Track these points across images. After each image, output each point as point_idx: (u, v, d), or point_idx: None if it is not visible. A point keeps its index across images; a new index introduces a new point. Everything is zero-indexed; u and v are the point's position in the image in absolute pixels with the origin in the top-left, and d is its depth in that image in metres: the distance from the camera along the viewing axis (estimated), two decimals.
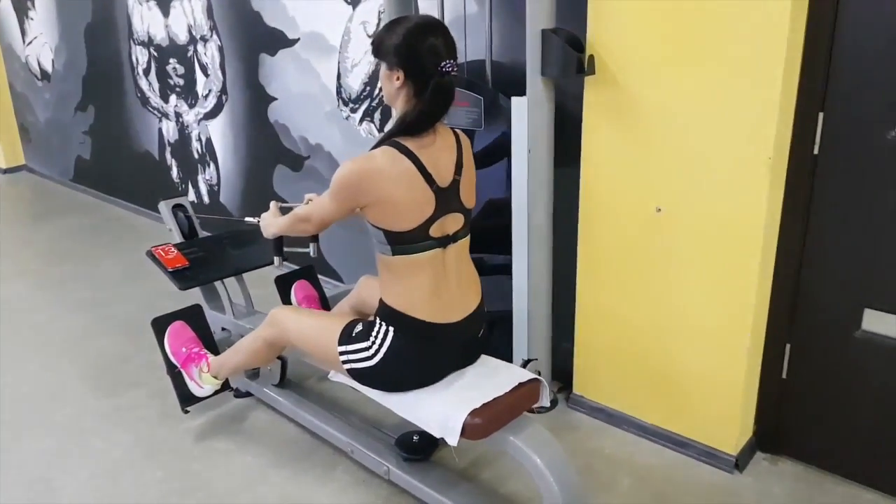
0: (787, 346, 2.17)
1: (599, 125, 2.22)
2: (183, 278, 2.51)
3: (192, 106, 4.25)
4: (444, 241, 1.76)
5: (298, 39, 3.36)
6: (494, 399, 1.77)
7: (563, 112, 2.31)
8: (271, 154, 3.76)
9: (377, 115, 3.12)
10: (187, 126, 4.34)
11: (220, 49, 3.86)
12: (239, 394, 2.64)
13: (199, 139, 4.29)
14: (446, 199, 1.73)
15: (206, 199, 4.42)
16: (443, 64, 1.62)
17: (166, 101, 4.44)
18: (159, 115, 4.56)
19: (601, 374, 2.48)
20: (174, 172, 4.63)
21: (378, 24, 2.97)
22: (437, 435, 1.75)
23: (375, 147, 1.72)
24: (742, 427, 2.21)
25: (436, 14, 2.49)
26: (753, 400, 2.24)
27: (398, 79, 1.67)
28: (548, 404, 1.91)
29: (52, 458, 2.37)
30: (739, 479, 2.18)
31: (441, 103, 1.68)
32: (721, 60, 1.92)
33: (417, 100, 1.67)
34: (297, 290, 2.74)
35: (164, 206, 2.79)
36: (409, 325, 1.76)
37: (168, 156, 4.62)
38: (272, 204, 2.26)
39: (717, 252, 2.06)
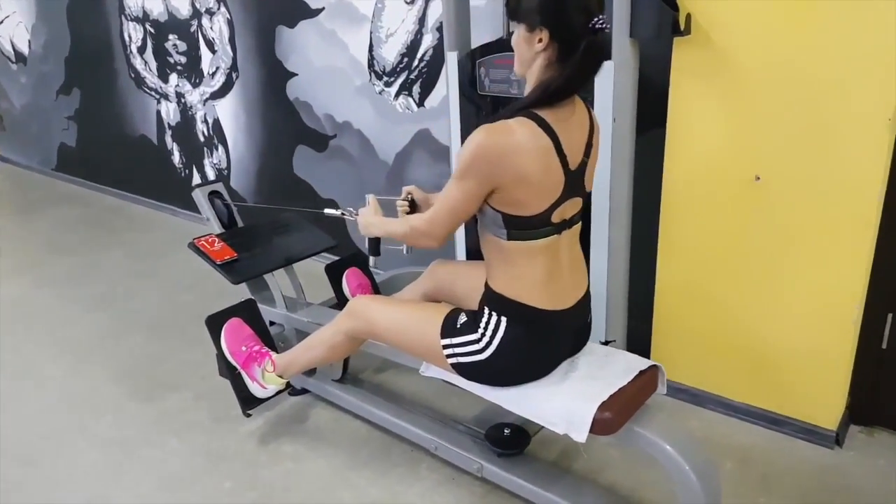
0: (889, 316, 2.08)
1: (690, 90, 2.07)
2: (234, 271, 2.30)
3: (196, 85, 3.98)
4: (562, 227, 1.60)
5: (323, 9, 3.14)
6: (620, 390, 1.63)
7: (643, 77, 2.16)
8: (291, 134, 3.55)
9: (416, 88, 2.93)
10: (191, 107, 4.08)
11: (230, 22, 3.61)
12: (294, 391, 2.47)
13: (206, 121, 4.03)
14: (573, 182, 1.56)
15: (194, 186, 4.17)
16: (595, 20, 1.42)
17: (166, 80, 4.16)
18: (157, 97, 4.28)
19: (683, 353, 2.36)
20: (176, 157, 4.36)
21: None
22: (561, 431, 1.61)
23: (506, 116, 1.50)
24: (841, 401, 2.12)
25: None
26: (849, 372, 2.15)
27: (541, 40, 1.46)
28: (665, 391, 1.78)
29: (104, 472, 2.16)
30: (841, 455, 2.10)
31: (593, 65, 1.49)
32: (834, 18, 1.79)
33: (562, 64, 1.46)
34: (350, 278, 2.56)
35: (200, 193, 2.56)
36: (524, 313, 1.61)
37: (168, 139, 4.35)
38: (371, 197, 1.94)
39: (825, 221, 1.95)
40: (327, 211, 2.20)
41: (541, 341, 1.65)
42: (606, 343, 2.30)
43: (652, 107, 2.15)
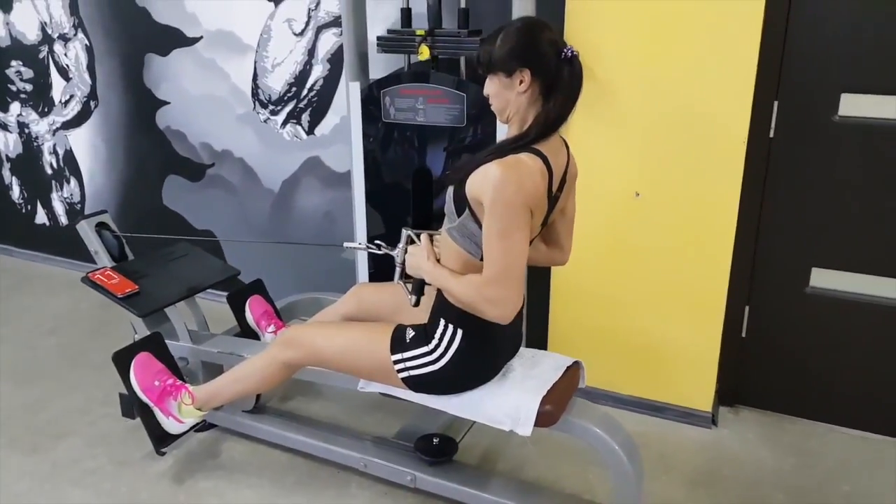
0: (746, 308, 2.45)
1: (576, 118, 2.28)
2: (138, 304, 2.19)
3: (44, 114, 3.69)
4: None
5: (201, 38, 3.09)
6: (554, 385, 1.80)
7: None
8: (160, 164, 3.41)
9: (305, 117, 2.97)
10: (37, 137, 3.77)
11: (88, 49, 3.41)
12: (200, 428, 2.37)
13: (55, 152, 3.74)
14: (549, 210, 1.69)
15: (62, 219, 3.86)
16: (564, 50, 1.57)
17: (5, 109, 3.81)
18: None
19: (575, 353, 2.53)
20: (15, 192, 3.98)
21: (307, 24, 2.83)
22: (507, 428, 1.74)
23: (508, 152, 1.56)
24: (713, 386, 2.46)
25: (399, 11, 2.43)
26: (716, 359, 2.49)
27: (522, 81, 1.57)
28: (584, 385, 1.97)
29: None
30: (718, 432, 2.43)
31: (577, 90, 1.61)
32: (698, 52, 2.12)
33: (549, 97, 1.59)
34: (252, 306, 2.52)
35: (86, 226, 2.39)
36: (479, 325, 1.68)
37: (6, 173, 3.97)
38: (424, 236, 1.78)
39: (695, 228, 2.27)
40: (347, 244, 2.09)
41: (490, 350, 1.77)
42: None
43: None
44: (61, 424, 2.45)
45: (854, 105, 2.17)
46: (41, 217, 3.95)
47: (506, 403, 1.75)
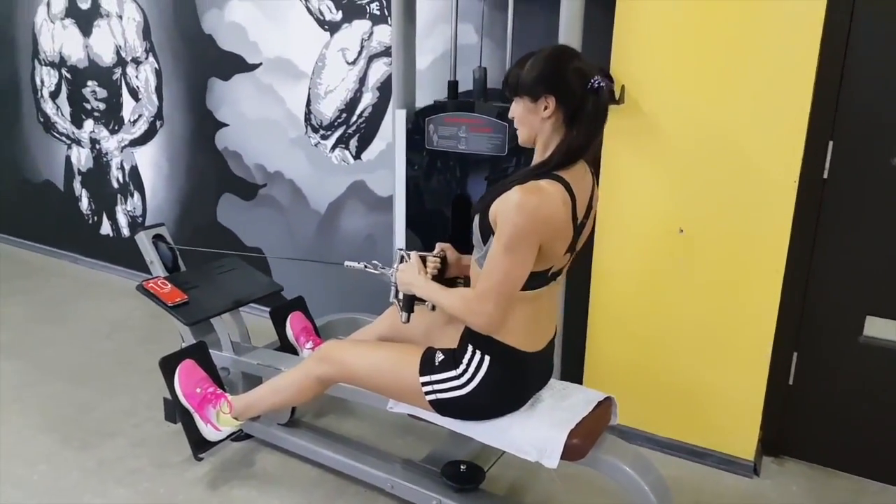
0: (794, 355, 2.36)
1: (621, 152, 2.32)
2: (187, 313, 2.27)
3: (114, 132, 3.89)
4: (552, 279, 1.72)
5: (260, 64, 3.22)
6: (584, 418, 1.77)
7: None
8: (217, 182, 3.54)
9: (353, 142, 3.05)
10: (107, 153, 3.97)
11: (157, 72, 3.60)
12: (237, 437, 2.42)
13: (122, 167, 3.93)
14: (574, 239, 1.67)
15: (125, 231, 4.04)
16: (592, 81, 1.57)
17: (79, 126, 4.03)
18: (68, 142, 4.13)
19: (612, 391, 2.50)
20: (84, 204, 4.19)
21: (360, 53, 2.93)
22: (533, 459, 1.71)
23: (530, 178, 1.58)
24: (757, 434, 2.36)
25: (450, 43, 2.49)
26: (761, 407, 2.40)
27: (547, 107, 1.59)
28: (617, 421, 1.93)
29: None
30: (760, 483, 2.33)
31: (601, 122, 1.62)
32: (749, 91, 2.09)
33: (572, 125, 1.59)
34: (293, 322, 2.58)
35: (144, 237, 2.51)
36: (507, 353, 1.70)
37: (77, 185, 4.19)
38: (413, 255, 1.87)
39: (741, 268, 2.21)
40: (348, 263, 2.14)
41: (518, 379, 1.76)
42: None
43: None
44: (109, 424, 2.54)
45: None
46: (106, 228, 4.14)
47: (533, 434, 1.73)
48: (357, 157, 3.05)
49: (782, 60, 2.04)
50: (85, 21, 3.78)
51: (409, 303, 1.86)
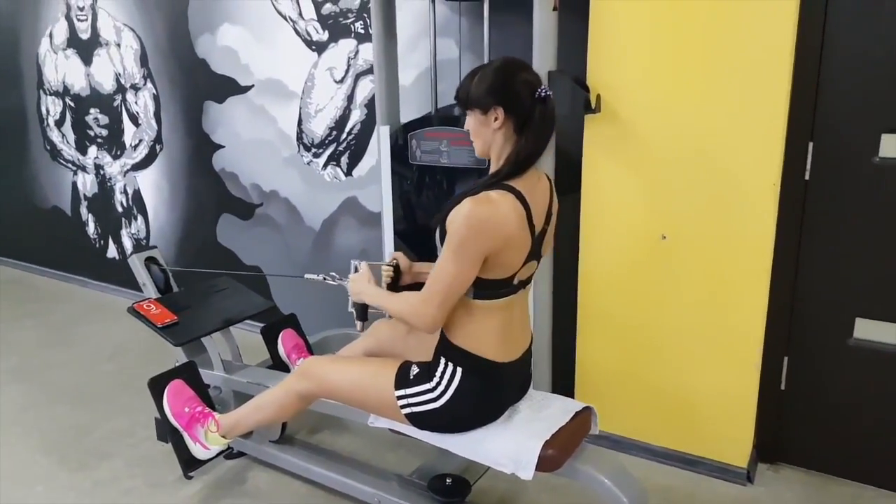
0: (785, 359, 2.33)
1: (601, 160, 2.32)
2: (175, 334, 2.32)
3: (116, 157, 3.98)
4: (519, 287, 1.73)
5: (252, 86, 3.28)
6: (560, 429, 1.76)
7: (559, 148, 2.39)
8: (215, 203, 3.60)
9: (344, 159, 3.09)
10: (110, 178, 4.06)
11: (155, 97, 3.67)
12: (230, 455, 2.45)
13: (125, 191, 4.01)
14: (535, 248, 1.70)
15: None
16: (538, 90, 1.61)
17: (84, 153, 4.13)
18: (74, 168, 4.22)
19: (603, 402, 2.47)
20: (90, 228, 4.28)
21: (347, 71, 2.97)
22: (509, 471, 1.71)
23: (483, 189, 1.61)
24: (750, 441, 2.33)
25: (429, 57, 2.53)
26: (754, 413, 2.37)
27: (497, 118, 1.63)
28: (597, 431, 1.93)
29: None
30: (754, 490, 2.30)
31: (548, 130, 1.65)
32: (725, 95, 2.09)
33: (521, 135, 1.63)
34: (285, 339, 2.61)
35: (136, 260, 2.56)
36: (479, 364, 1.72)
37: (84, 210, 4.28)
38: (363, 264, 1.95)
39: (726, 273, 2.20)
40: (308, 275, 2.21)
41: (492, 390, 1.77)
42: None
43: (568, 174, 2.38)
44: (107, 445, 2.59)
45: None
46: (112, 251, 4.22)
47: (508, 445, 1.73)
48: (348, 173, 3.09)
49: (756, 64, 2.03)
50: (85, 50, 3.88)
51: (362, 311, 1.97)
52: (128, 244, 4.11)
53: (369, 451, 2.49)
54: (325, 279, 2.16)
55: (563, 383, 2.55)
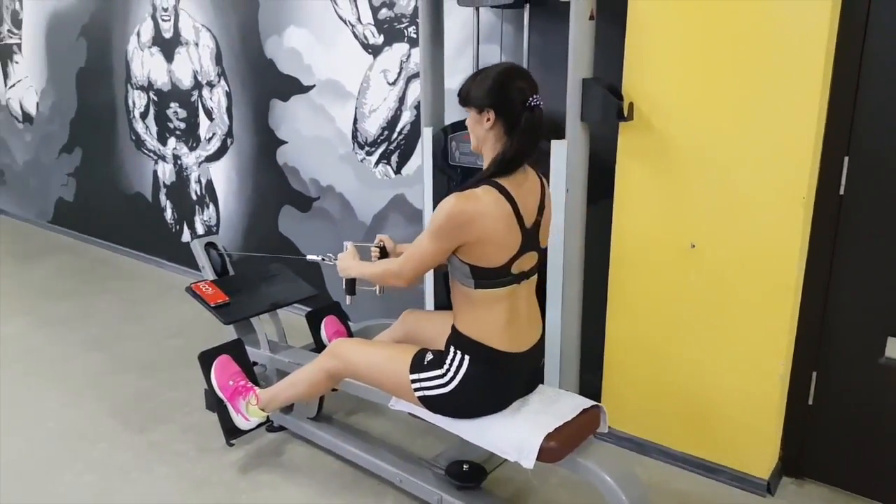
0: (814, 374, 2.32)
1: (633, 167, 2.38)
2: (226, 313, 2.53)
3: (192, 149, 4.28)
4: (521, 277, 1.84)
5: (314, 86, 3.47)
6: (565, 423, 1.84)
7: (594, 155, 2.46)
8: (278, 195, 3.82)
9: (394, 158, 3.24)
10: (186, 168, 4.36)
11: (228, 94, 3.93)
12: (272, 428, 2.64)
13: (199, 181, 4.31)
14: (529, 239, 1.82)
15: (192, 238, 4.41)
16: (530, 99, 1.73)
17: (164, 143, 4.45)
18: (155, 158, 4.56)
19: (629, 404, 2.58)
20: (168, 214, 4.61)
21: (399, 74, 3.11)
22: (512, 459, 1.81)
23: (472, 186, 1.77)
24: (772, 452, 2.34)
25: (469, 63, 2.64)
26: (780, 426, 2.37)
27: (489, 119, 1.76)
28: (606, 430, 2.00)
29: (98, 493, 2.33)
30: (772, 502, 2.30)
31: (534, 137, 1.77)
32: (756, 106, 2.10)
33: (509, 137, 1.76)
34: (327, 325, 2.78)
35: (197, 244, 2.80)
36: (484, 353, 1.84)
37: (163, 197, 4.61)
38: (349, 245, 2.22)
39: (752, 285, 2.21)
40: (309, 257, 2.46)
41: (498, 379, 1.88)
42: None
43: (601, 180, 2.45)
44: (165, 412, 2.85)
45: None
46: (186, 236, 4.53)
47: (513, 434, 1.83)
48: (398, 171, 3.24)
49: (787, 79, 2.04)
50: (168, 49, 4.19)
51: (350, 286, 2.22)
52: (200, 230, 4.41)
53: (399, 436, 2.63)
54: (323, 259, 2.38)
55: (591, 385, 2.61)
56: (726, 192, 2.21)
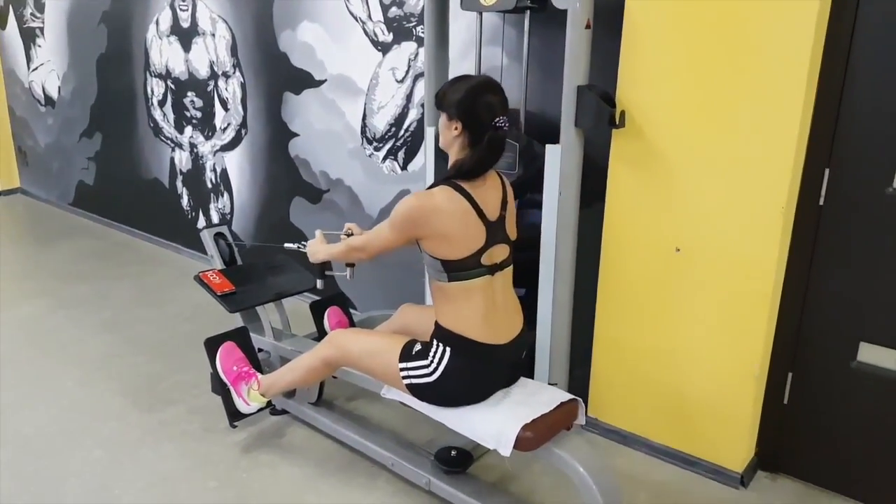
0: (790, 375, 2.42)
1: (624, 173, 2.47)
2: (232, 302, 2.67)
3: (208, 138, 4.41)
4: (493, 269, 1.99)
5: (325, 81, 3.59)
6: (542, 415, 1.97)
7: (588, 159, 2.56)
8: (289, 186, 3.95)
9: (401, 154, 3.35)
10: (202, 156, 4.50)
11: (243, 85, 4.06)
12: (275, 411, 2.79)
13: (214, 170, 4.45)
14: (495, 231, 1.97)
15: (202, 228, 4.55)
16: (496, 120, 1.88)
17: (181, 131, 4.60)
18: (172, 145, 4.71)
19: (615, 398, 2.70)
20: (184, 200, 4.76)
21: (407, 72, 3.22)
22: (491, 447, 1.94)
23: (434, 186, 1.96)
24: (747, 447, 2.45)
25: (473, 65, 2.74)
26: (757, 422, 2.48)
27: (456, 129, 1.92)
28: (584, 422, 2.12)
29: (107, 468, 2.50)
30: (744, 495, 2.41)
31: (494, 155, 1.95)
32: (741, 119, 2.19)
33: (472, 150, 1.92)
34: (330, 315, 2.92)
35: (207, 234, 2.94)
36: (464, 345, 1.97)
37: (179, 184, 4.76)
38: (318, 232, 2.45)
39: (731, 289, 2.31)
40: (287, 245, 2.65)
41: (478, 370, 2.01)
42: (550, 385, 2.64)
43: (594, 184, 2.55)
44: (174, 393, 3.00)
45: None
46: (201, 223, 4.68)
47: (492, 424, 1.96)
48: (404, 167, 3.35)
49: (772, 93, 2.12)
50: (185, 38, 4.32)
51: (319, 270, 2.48)
52: (215, 217, 4.56)
53: (394, 422, 2.76)
54: (298, 247, 2.56)
55: (579, 379, 2.73)
56: (710, 199, 2.30)
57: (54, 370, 3.20)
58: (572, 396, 2.08)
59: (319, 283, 2.53)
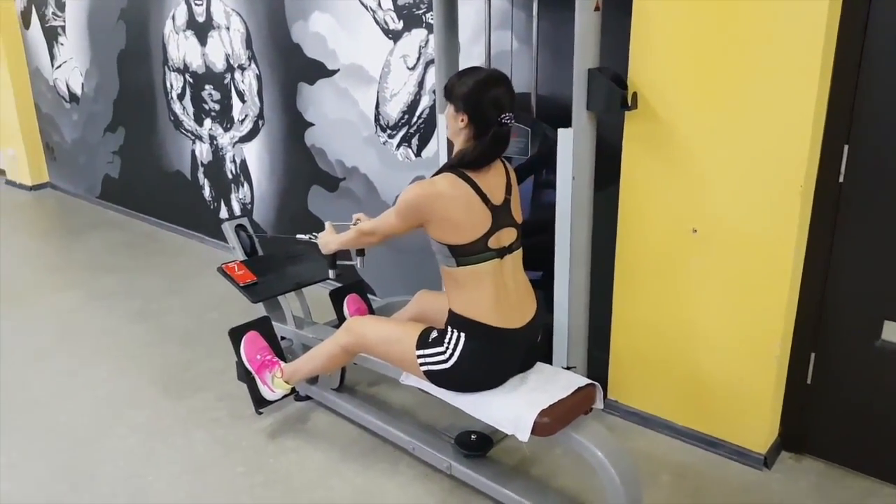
0: (812, 355, 2.40)
1: (639, 154, 2.45)
2: (254, 292, 2.72)
3: (227, 130, 4.46)
4: (502, 252, 2.01)
5: (338, 70, 3.60)
6: (559, 400, 1.98)
7: (602, 142, 2.54)
8: (307, 175, 3.98)
9: (414, 141, 3.35)
10: (222, 148, 4.55)
11: (258, 77, 4.09)
12: (299, 397, 2.85)
13: (234, 161, 4.50)
14: (500, 215, 1.99)
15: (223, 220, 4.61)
16: (502, 116, 1.90)
17: (201, 124, 4.65)
18: (193, 138, 4.76)
19: (634, 380, 2.70)
20: (206, 192, 4.83)
21: (418, 59, 3.21)
22: (509, 432, 1.96)
23: (438, 173, 1.99)
24: (770, 428, 2.44)
25: (483, 50, 2.73)
26: (780, 403, 2.46)
27: (462, 121, 1.95)
28: (602, 406, 2.13)
29: (140, 454, 2.58)
30: (768, 475, 2.41)
31: (497, 149, 1.97)
32: (756, 97, 2.16)
33: (476, 142, 1.94)
34: (350, 303, 2.95)
35: (228, 226, 2.99)
36: (478, 330, 1.99)
37: (201, 176, 4.83)
38: (328, 224, 2.51)
39: (750, 269, 2.29)
40: (299, 236, 2.69)
41: (493, 354, 2.03)
42: (568, 369, 2.66)
43: (608, 167, 2.53)
44: (203, 381, 3.08)
45: None
46: (224, 213, 4.75)
47: (509, 409, 1.98)
48: (418, 154, 3.36)
49: (788, 70, 2.09)
50: (201, 32, 4.35)
51: (331, 260, 2.51)
52: (236, 208, 4.62)
53: (415, 407, 2.80)
54: (310, 238, 2.60)
55: (599, 361, 2.74)
56: (726, 179, 2.28)
57: (89, 360, 3.30)
58: (590, 381, 2.09)
59: (332, 274, 2.57)
